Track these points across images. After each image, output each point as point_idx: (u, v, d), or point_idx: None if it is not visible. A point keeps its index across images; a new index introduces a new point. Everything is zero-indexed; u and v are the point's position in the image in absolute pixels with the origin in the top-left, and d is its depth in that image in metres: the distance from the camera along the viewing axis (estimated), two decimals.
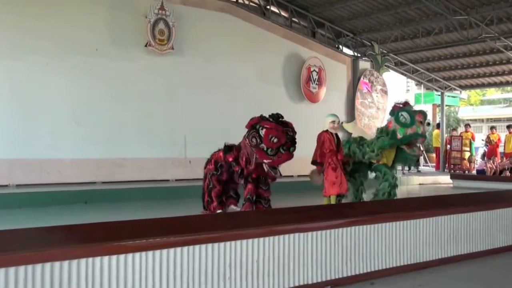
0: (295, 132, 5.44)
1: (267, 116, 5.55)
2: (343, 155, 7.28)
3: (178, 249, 3.11)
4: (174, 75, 11.98)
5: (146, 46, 11.41)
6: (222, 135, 12.52)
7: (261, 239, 3.47)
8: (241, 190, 6.04)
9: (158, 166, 11.67)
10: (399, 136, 7.20)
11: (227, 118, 12.34)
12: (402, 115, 7.21)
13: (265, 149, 5.28)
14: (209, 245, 3.23)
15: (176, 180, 11.76)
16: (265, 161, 5.30)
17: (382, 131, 7.52)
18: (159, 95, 11.75)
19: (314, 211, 4.44)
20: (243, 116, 6.21)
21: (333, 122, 7.20)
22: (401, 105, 7.52)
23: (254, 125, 5.46)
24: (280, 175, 5.66)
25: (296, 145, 5.45)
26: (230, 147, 6.06)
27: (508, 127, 17.31)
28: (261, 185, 5.66)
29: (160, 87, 11.77)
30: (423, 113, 7.34)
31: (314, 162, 7.09)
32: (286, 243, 3.59)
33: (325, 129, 7.21)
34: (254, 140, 5.38)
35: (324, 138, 7.04)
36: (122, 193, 9.74)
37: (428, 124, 7.68)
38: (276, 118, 5.49)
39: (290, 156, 5.39)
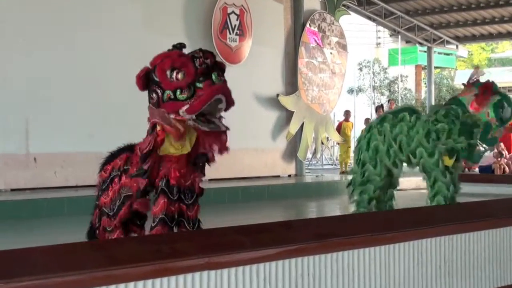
0: (213, 56, 5.11)
1: None
2: None
3: None
4: (6, 20, 11.65)
5: None
6: (90, 115, 12.50)
7: (149, 282, 3.44)
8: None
9: None
10: (489, 135, 7.38)
11: (94, 89, 12.16)
12: (506, 107, 7.33)
13: (172, 96, 5.00)
14: None
15: (13, 190, 11.55)
16: (181, 110, 5.01)
17: (451, 114, 7.57)
18: None
19: (231, 236, 4.45)
20: (120, 85, 6.10)
21: None
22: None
23: (149, 77, 5.19)
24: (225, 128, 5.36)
25: (224, 72, 5.12)
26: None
27: None
28: (183, 197, 5.49)
29: None
30: None
31: None
32: (189, 285, 3.58)
33: None
34: (154, 94, 5.12)
35: None
36: None
37: None
38: (179, 48, 5.20)
39: (215, 87, 4.96)
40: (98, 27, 12.73)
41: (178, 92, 4.89)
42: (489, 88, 7.53)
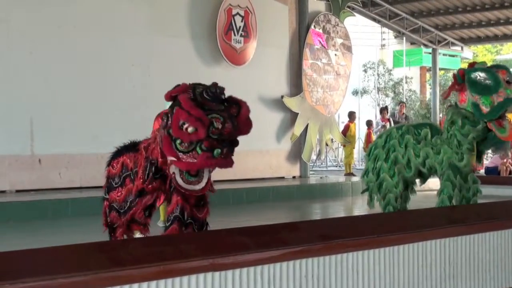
0: (238, 125, 4.90)
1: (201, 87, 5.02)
2: None
3: None
4: (10, 20, 11.66)
5: None
6: (94, 117, 12.49)
7: (153, 283, 3.42)
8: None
9: None
10: (485, 109, 7.14)
11: (98, 90, 12.16)
12: (476, 76, 7.21)
13: (173, 138, 4.89)
14: None
15: (18, 191, 11.55)
16: (169, 158, 4.96)
17: (456, 115, 7.52)
18: None
19: (236, 237, 4.44)
20: (124, 86, 6.11)
21: None
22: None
23: (174, 96, 5.00)
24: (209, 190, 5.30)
25: (235, 146, 4.98)
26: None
27: None
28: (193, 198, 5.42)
29: None
30: (506, 69, 7.35)
31: None
32: (194, 287, 3.56)
33: None
34: (165, 118, 4.98)
35: None
36: None
37: None
38: (213, 94, 4.94)
39: (211, 162, 4.88)
40: (102, 28, 12.72)
41: (178, 141, 4.81)
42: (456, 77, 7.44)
